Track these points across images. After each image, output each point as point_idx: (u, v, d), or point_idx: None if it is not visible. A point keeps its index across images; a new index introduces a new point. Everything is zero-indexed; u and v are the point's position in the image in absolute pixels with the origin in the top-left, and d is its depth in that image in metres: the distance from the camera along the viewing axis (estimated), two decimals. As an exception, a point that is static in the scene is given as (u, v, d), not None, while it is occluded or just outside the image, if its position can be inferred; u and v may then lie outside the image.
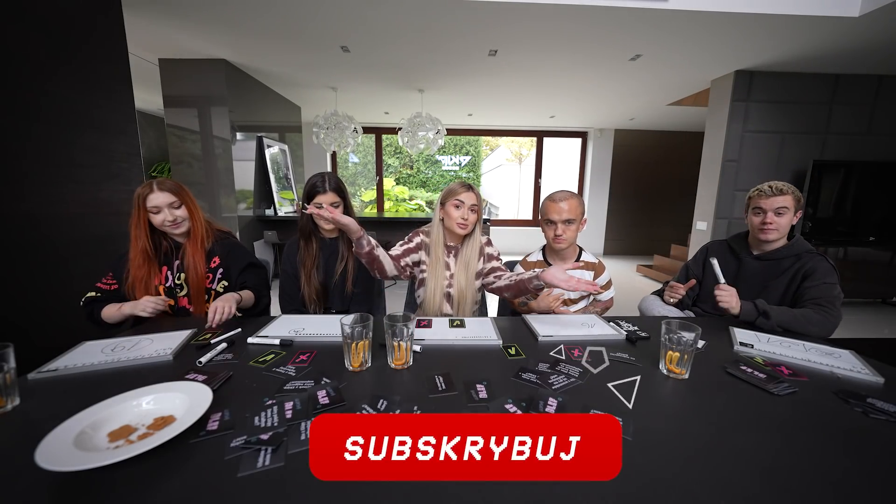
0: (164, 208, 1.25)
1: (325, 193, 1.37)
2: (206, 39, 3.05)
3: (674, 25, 2.62)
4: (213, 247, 1.37)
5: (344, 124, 4.33)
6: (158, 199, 1.24)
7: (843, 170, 3.58)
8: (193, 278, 1.31)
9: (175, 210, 1.27)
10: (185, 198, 1.30)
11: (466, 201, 1.40)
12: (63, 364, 0.88)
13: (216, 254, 1.37)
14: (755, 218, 1.38)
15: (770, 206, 1.34)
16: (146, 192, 1.24)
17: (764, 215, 1.35)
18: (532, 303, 1.45)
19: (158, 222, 1.26)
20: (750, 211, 1.41)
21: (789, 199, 1.33)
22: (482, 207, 1.48)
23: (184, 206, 1.29)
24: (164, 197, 1.25)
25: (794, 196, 1.34)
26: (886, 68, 3.34)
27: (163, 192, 1.25)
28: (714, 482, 0.55)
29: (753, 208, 1.39)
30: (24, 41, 1.55)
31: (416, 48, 3.16)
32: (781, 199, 1.33)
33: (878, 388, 0.85)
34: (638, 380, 0.85)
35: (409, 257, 1.46)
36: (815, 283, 1.28)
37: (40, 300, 1.61)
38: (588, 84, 4.05)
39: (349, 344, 0.87)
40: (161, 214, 1.25)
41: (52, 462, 0.52)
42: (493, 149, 11.47)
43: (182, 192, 1.30)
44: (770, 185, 1.35)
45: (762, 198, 1.36)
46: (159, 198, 1.24)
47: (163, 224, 1.26)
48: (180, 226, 1.29)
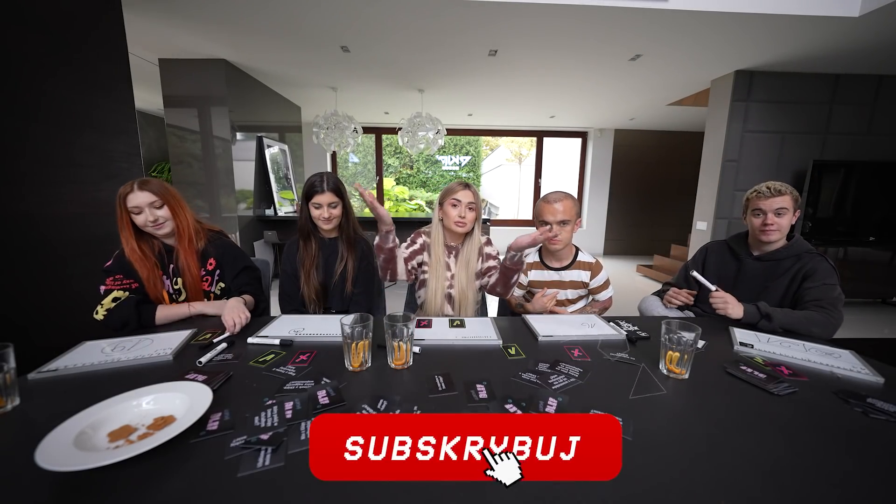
0: (145, 208, 1.19)
1: (323, 193, 1.37)
2: (206, 39, 3.05)
3: (674, 25, 2.62)
4: (207, 248, 1.32)
5: (344, 124, 4.33)
6: (139, 199, 1.18)
7: (843, 170, 3.58)
8: (189, 281, 1.27)
9: (156, 210, 1.21)
10: (168, 197, 1.23)
11: (463, 199, 1.40)
12: (63, 364, 0.88)
13: (211, 255, 1.32)
14: (755, 220, 1.38)
15: (769, 207, 1.33)
16: (126, 192, 1.18)
17: (764, 216, 1.35)
18: (528, 304, 1.45)
19: (140, 223, 1.20)
20: (749, 213, 1.41)
21: (788, 200, 1.32)
22: (482, 207, 1.48)
23: (166, 206, 1.22)
24: (145, 196, 1.19)
25: (793, 196, 1.33)
26: (886, 68, 3.34)
27: (143, 192, 1.19)
28: (714, 482, 0.55)
29: (753, 210, 1.39)
30: (23, 41, 1.54)
31: (416, 48, 3.16)
32: (780, 199, 1.32)
33: (878, 388, 0.85)
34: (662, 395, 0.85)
35: (415, 259, 1.47)
36: (815, 284, 1.27)
37: (40, 300, 1.61)
38: (588, 84, 4.05)
39: (349, 344, 0.87)
40: (142, 215, 1.19)
41: (52, 462, 0.52)
42: (493, 149, 11.47)
43: (165, 192, 1.23)
44: (768, 186, 1.35)
45: (761, 199, 1.35)
46: (139, 197, 1.18)
47: (145, 225, 1.21)
48: (163, 226, 1.23)
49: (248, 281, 1.37)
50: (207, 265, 1.32)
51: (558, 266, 1.51)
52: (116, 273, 1.22)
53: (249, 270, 1.39)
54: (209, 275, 1.32)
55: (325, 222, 1.41)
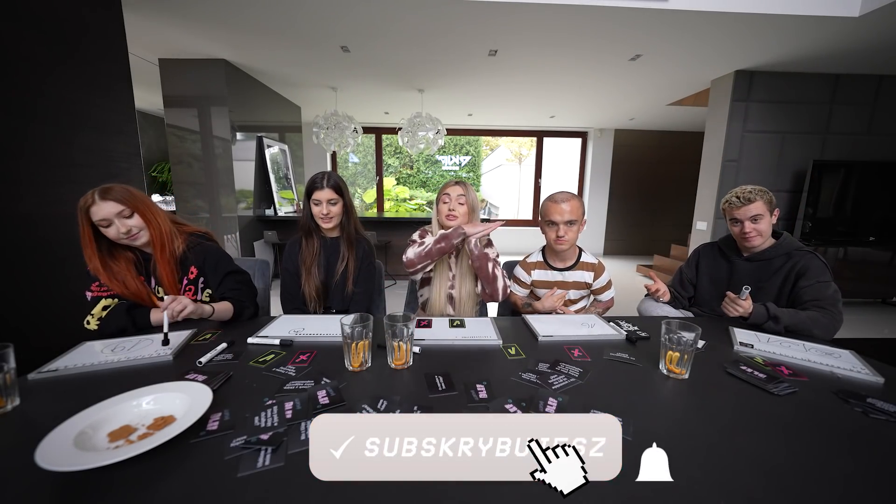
0: (114, 220, 1.07)
1: (322, 189, 1.37)
2: (206, 39, 3.05)
3: (674, 25, 2.62)
4: (187, 255, 1.22)
5: (344, 124, 4.33)
6: (104, 211, 1.06)
7: (843, 170, 3.58)
8: (168, 289, 1.19)
9: (126, 220, 1.10)
10: (137, 203, 1.11)
11: (452, 193, 1.44)
12: (63, 364, 0.88)
13: (192, 263, 1.23)
14: (734, 228, 1.40)
15: (744, 216, 1.35)
16: (88, 204, 1.06)
17: (742, 225, 1.36)
18: (536, 304, 1.45)
19: (113, 236, 1.09)
20: (728, 221, 1.43)
21: (760, 205, 1.33)
22: (481, 207, 1.50)
23: (136, 213, 1.11)
24: (110, 207, 1.06)
25: (765, 200, 1.34)
26: (886, 68, 3.34)
27: (107, 202, 1.06)
28: (714, 482, 0.55)
29: (730, 219, 1.41)
30: (22, 40, 1.54)
31: (416, 48, 3.16)
32: (753, 206, 1.33)
33: (878, 388, 0.85)
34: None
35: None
36: (810, 283, 1.28)
37: (39, 301, 1.61)
38: (588, 84, 4.05)
39: (349, 344, 0.87)
40: (112, 227, 1.08)
41: (52, 462, 0.52)
42: (493, 149, 11.47)
43: (132, 198, 1.11)
44: (738, 196, 1.35)
45: (734, 209, 1.37)
46: (104, 208, 1.06)
47: (118, 238, 1.10)
48: (138, 237, 1.13)
49: (233, 286, 1.27)
50: (189, 274, 1.23)
51: (562, 266, 1.51)
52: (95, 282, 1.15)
53: (234, 275, 1.29)
54: (192, 284, 1.24)
55: (324, 220, 1.40)
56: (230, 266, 1.30)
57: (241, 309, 1.23)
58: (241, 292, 1.27)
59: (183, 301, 1.05)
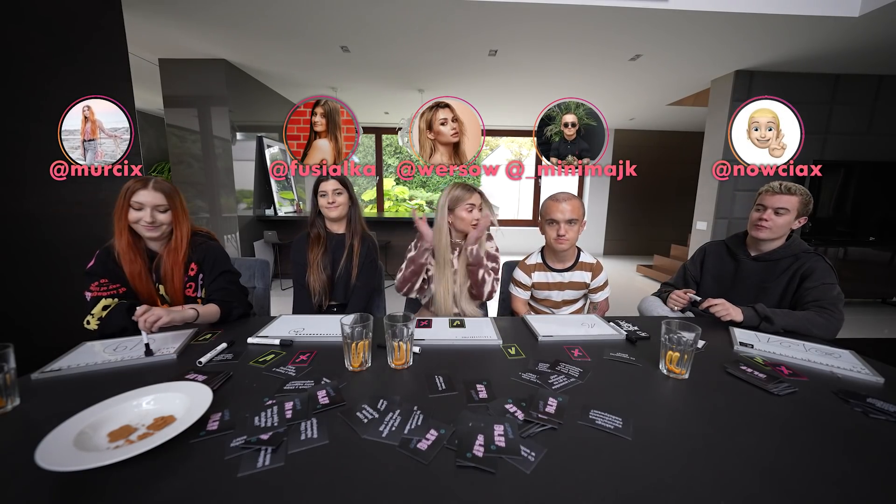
0: (148, 208, 1.14)
1: (327, 180, 1.48)
2: (206, 39, 3.05)
3: (674, 25, 2.62)
4: (190, 252, 1.26)
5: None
6: (146, 197, 1.14)
7: (843, 170, 3.58)
8: (171, 290, 1.22)
9: (159, 213, 1.16)
10: (176, 203, 1.19)
11: (476, 203, 1.49)
12: (66, 364, 0.88)
13: (193, 259, 1.25)
14: (755, 213, 1.37)
15: (771, 204, 1.32)
16: (137, 187, 1.14)
17: (763, 212, 1.34)
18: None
19: (134, 219, 1.14)
20: (754, 206, 1.40)
21: (794, 201, 1.30)
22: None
23: (171, 211, 1.18)
24: (154, 197, 1.15)
25: (802, 200, 1.31)
26: (886, 68, 3.34)
27: (155, 192, 1.15)
28: (714, 482, 0.55)
29: (757, 204, 1.38)
30: (24, 41, 1.55)
31: (416, 48, 3.16)
32: (786, 198, 1.30)
33: (878, 388, 0.85)
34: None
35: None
36: (815, 284, 1.27)
37: (40, 300, 1.61)
38: (588, 84, 4.04)
39: (349, 344, 0.87)
40: (141, 212, 1.14)
41: (52, 462, 0.52)
42: (493, 149, 11.47)
43: (174, 197, 1.19)
44: (780, 183, 1.33)
45: (768, 194, 1.34)
46: (148, 196, 1.14)
47: (138, 222, 1.14)
48: (157, 230, 1.17)
49: (223, 285, 1.27)
50: (189, 270, 1.25)
51: (561, 268, 1.51)
52: (101, 277, 1.15)
53: (227, 275, 1.29)
54: (192, 280, 1.25)
55: (330, 208, 1.47)
56: (226, 265, 1.30)
57: (229, 310, 1.23)
58: (230, 292, 1.27)
59: (156, 312, 1.00)
